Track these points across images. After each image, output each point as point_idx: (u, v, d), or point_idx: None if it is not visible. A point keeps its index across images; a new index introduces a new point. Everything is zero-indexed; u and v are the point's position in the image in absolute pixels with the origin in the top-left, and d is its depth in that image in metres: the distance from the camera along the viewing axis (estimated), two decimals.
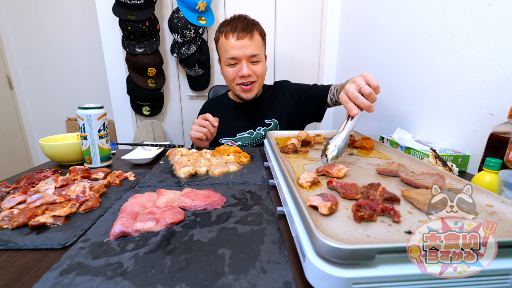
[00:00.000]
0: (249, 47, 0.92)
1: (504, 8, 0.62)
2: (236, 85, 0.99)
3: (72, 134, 0.83)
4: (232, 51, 0.92)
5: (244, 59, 0.94)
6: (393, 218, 0.34)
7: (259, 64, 0.97)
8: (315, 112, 1.07)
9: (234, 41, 0.91)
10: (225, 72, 0.99)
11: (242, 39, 0.91)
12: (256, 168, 0.68)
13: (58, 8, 1.69)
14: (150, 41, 1.44)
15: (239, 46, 0.92)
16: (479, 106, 0.69)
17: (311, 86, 1.09)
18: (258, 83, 1.00)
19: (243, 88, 0.98)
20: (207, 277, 0.30)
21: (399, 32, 1.02)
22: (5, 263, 0.35)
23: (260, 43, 0.97)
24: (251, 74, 0.96)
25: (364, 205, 0.35)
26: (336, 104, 1.02)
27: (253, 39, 0.93)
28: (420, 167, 0.54)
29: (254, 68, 0.96)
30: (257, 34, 0.95)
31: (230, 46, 0.92)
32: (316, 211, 0.37)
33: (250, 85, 0.98)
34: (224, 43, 0.94)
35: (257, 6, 1.57)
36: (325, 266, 0.27)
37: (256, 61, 0.96)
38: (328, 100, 1.02)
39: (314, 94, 1.05)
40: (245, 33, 0.92)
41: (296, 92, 1.09)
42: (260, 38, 0.97)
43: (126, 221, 0.40)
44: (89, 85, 1.82)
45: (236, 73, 0.96)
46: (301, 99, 1.07)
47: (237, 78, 0.97)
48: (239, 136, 1.06)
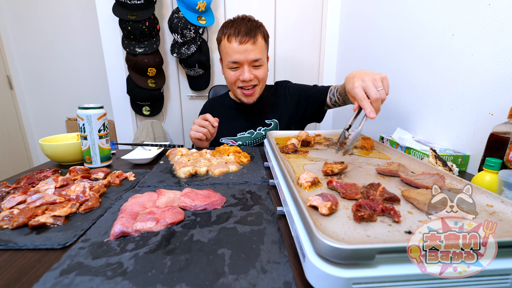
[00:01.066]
0: (251, 52, 0.91)
1: (504, 8, 0.62)
2: (237, 88, 0.99)
3: (72, 134, 0.83)
4: (234, 55, 0.92)
5: (246, 63, 0.93)
6: (393, 218, 0.34)
7: (261, 69, 0.97)
8: (315, 112, 1.07)
9: (237, 45, 0.90)
10: (226, 75, 0.99)
11: (245, 44, 0.90)
12: (256, 168, 0.68)
13: (58, 8, 1.69)
14: (150, 41, 1.44)
15: (242, 51, 0.91)
16: (479, 106, 0.69)
17: (311, 86, 1.10)
18: (259, 87, 1.00)
19: (244, 93, 0.98)
20: (207, 277, 0.30)
21: (399, 32, 1.02)
22: (5, 263, 0.35)
23: (263, 46, 0.96)
24: (253, 79, 0.96)
25: (364, 205, 0.35)
26: (335, 104, 1.02)
27: (256, 44, 0.92)
28: (420, 167, 0.54)
29: (256, 72, 0.96)
30: (260, 37, 0.94)
31: (233, 50, 0.91)
32: (316, 211, 0.37)
33: (252, 89, 0.98)
34: (226, 46, 0.93)
35: (257, 6, 1.57)
36: (325, 266, 0.27)
37: (258, 65, 0.95)
38: (328, 101, 1.02)
39: (313, 94, 1.05)
40: (248, 37, 0.90)
41: (296, 92, 1.09)
42: (263, 41, 0.96)
43: (126, 221, 0.40)
44: (89, 85, 1.82)
45: (237, 77, 0.96)
46: (301, 99, 1.07)
47: (238, 82, 0.97)
48: (240, 136, 1.06)
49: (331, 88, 1.02)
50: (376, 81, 0.59)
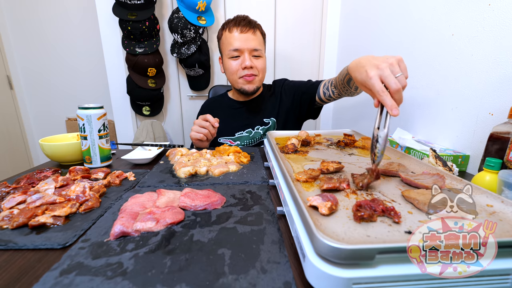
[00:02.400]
0: (252, 41, 0.96)
1: (504, 8, 0.62)
2: (239, 78, 1.00)
3: (72, 134, 0.83)
4: (235, 42, 0.96)
5: (247, 51, 0.97)
6: (393, 218, 0.34)
7: (260, 60, 1.00)
8: (308, 108, 1.07)
9: (238, 34, 0.95)
10: (227, 66, 1.01)
11: (246, 33, 0.95)
12: (256, 168, 0.68)
13: (58, 8, 1.69)
14: (150, 41, 1.44)
15: (243, 39, 0.95)
16: (479, 106, 0.69)
17: (305, 82, 1.10)
18: (259, 78, 1.02)
19: (246, 79, 0.99)
20: (207, 277, 0.30)
21: (399, 32, 1.02)
22: (5, 263, 0.35)
23: (262, 40, 1.01)
24: (253, 67, 0.98)
25: (364, 205, 0.35)
26: (330, 99, 0.99)
27: (256, 35, 0.98)
28: (420, 167, 0.54)
29: (256, 62, 0.99)
30: (259, 32, 1.00)
31: (234, 38, 0.96)
32: (316, 211, 0.37)
33: (252, 77, 1.00)
34: (227, 36, 0.98)
35: (257, 6, 1.57)
36: (325, 266, 0.27)
37: (257, 55, 0.99)
38: (322, 95, 0.99)
39: (306, 90, 1.05)
40: (249, 28, 0.96)
41: (291, 90, 1.09)
42: (262, 37, 1.02)
43: (126, 221, 0.40)
44: (89, 85, 1.82)
45: (238, 66, 0.98)
46: (295, 97, 1.07)
47: (240, 71, 0.99)
48: (238, 135, 1.06)
49: (324, 82, 1.00)
50: (393, 66, 0.48)
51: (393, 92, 0.46)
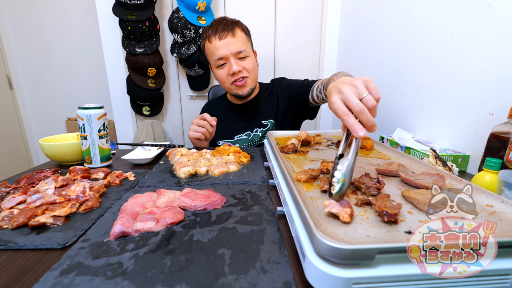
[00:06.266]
0: (233, 44, 0.93)
1: (504, 8, 0.62)
2: (230, 84, 0.98)
3: (72, 134, 0.83)
4: (217, 51, 0.93)
5: (231, 56, 0.94)
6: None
7: (248, 60, 0.97)
8: (303, 108, 1.05)
9: (218, 41, 0.93)
10: (217, 76, 1.00)
11: (225, 38, 0.92)
12: (256, 168, 0.68)
13: (58, 8, 1.69)
14: (150, 41, 1.44)
15: (224, 45, 0.93)
16: (479, 106, 0.69)
17: (301, 81, 1.07)
18: (250, 78, 0.99)
19: (237, 85, 0.98)
20: (207, 277, 0.30)
21: (399, 32, 1.02)
22: (5, 263, 0.35)
23: (244, 39, 0.97)
24: (242, 70, 0.96)
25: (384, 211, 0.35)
26: (323, 101, 0.97)
27: (236, 36, 0.94)
28: (420, 167, 0.54)
29: (243, 63, 0.96)
30: (239, 30, 0.96)
31: (215, 47, 0.93)
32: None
33: (243, 80, 0.98)
34: (209, 46, 0.96)
35: (257, 6, 1.57)
36: (325, 266, 0.27)
37: (243, 56, 0.96)
38: (315, 98, 0.97)
39: (301, 90, 1.03)
40: (226, 32, 0.93)
41: (287, 89, 1.08)
42: (244, 34, 0.98)
43: (126, 221, 0.40)
44: (89, 85, 1.82)
45: (227, 73, 0.96)
46: (292, 97, 1.06)
47: (229, 78, 0.97)
48: (237, 138, 1.06)
49: (317, 84, 0.96)
50: (357, 87, 0.44)
51: (356, 113, 0.43)
